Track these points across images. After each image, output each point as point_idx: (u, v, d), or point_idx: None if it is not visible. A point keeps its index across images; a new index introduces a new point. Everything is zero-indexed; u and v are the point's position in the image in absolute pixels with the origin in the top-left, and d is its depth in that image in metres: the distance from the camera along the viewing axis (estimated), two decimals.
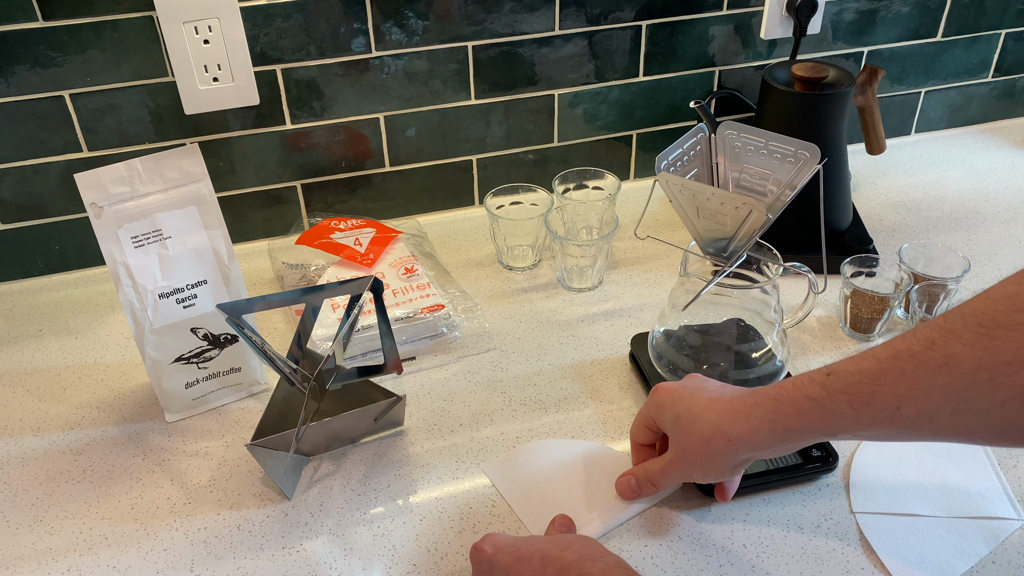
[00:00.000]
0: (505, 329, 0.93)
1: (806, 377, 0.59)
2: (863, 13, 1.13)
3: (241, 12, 0.91)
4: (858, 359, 0.56)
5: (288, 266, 0.98)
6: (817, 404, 0.56)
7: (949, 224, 1.08)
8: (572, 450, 0.77)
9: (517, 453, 0.77)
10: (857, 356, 0.57)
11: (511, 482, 0.74)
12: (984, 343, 0.49)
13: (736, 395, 0.63)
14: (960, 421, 0.51)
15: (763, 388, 0.62)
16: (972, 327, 0.50)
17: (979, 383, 0.50)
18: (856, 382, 0.55)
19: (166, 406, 0.81)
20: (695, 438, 0.63)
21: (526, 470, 0.75)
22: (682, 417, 0.65)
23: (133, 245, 0.74)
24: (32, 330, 0.94)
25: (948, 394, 0.51)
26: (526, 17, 1.01)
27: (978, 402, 0.50)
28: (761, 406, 0.60)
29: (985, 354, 0.49)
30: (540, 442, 0.78)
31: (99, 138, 0.95)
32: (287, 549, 0.69)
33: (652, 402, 0.68)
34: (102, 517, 0.73)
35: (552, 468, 0.75)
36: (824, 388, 0.56)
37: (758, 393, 0.61)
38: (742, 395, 0.63)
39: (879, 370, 0.54)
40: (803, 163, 0.73)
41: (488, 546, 0.62)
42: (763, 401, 0.60)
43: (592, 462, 0.75)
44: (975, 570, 0.66)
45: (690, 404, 0.64)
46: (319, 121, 1.01)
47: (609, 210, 1.01)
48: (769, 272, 0.78)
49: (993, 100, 1.28)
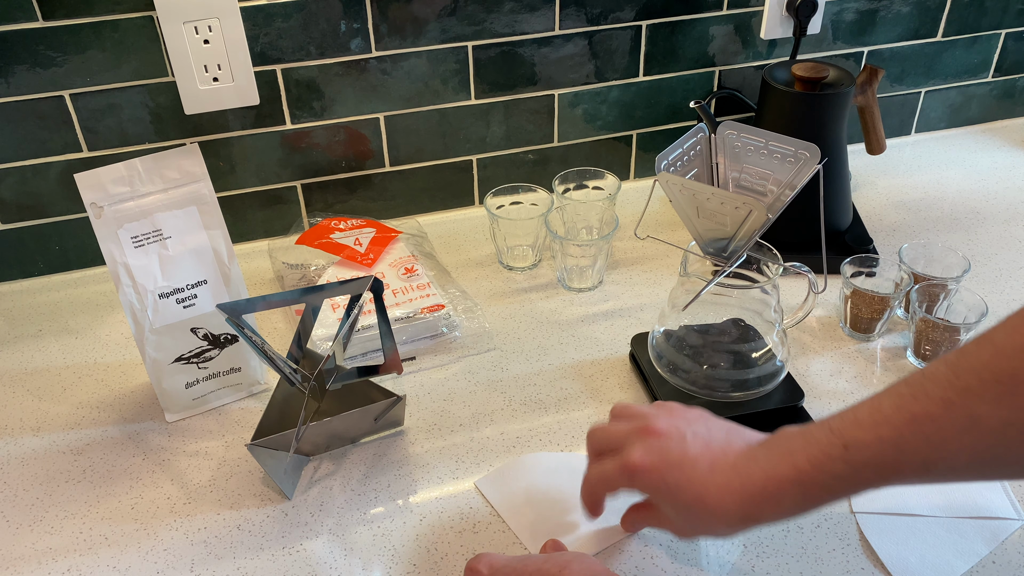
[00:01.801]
0: (505, 329, 0.93)
1: (819, 449, 0.55)
2: (863, 13, 1.13)
3: (241, 12, 0.91)
4: (871, 425, 0.53)
5: (288, 266, 0.98)
6: (844, 481, 0.54)
7: (949, 224, 1.08)
8: (565, 462, 0.76)
9: (509, 467, 0.76)
10: (867, 418, 0.54)
11: (505, 497, 0.73)
12: (1009, 401, 0.48)
13: (748, 478, 0.57)
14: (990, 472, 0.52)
15: (776, 461, 0.56)
16: (991, 385, 0.49)
17: (1009, 439, 0.49)
18: (879, 453, 0.52)
19: (166, 406, 0.81)
20: (717, 524, 0.58)
21: (520, 484, 0.74)
22: (693, 508, 0.59)
23: (133, 245, 0.74)
24: (32, 330, 0.94)
25: (976, 452, 0.50)
26: (526, 17, 1.01)
27: (1009, 455, 0.50)
28: (787, 492, 0.56)
29: (1012, 412, 0.48)
30: (533, 455, 0.77)
31: (99, 138, 0.95)
32: (287, 549, 0.69)
33: (641, 484, 0.61)
34: (102, 517, 0.73)
35: (546, 482, 0.74)
36: (847, 464, 0.53)
37: (775, 472, 0.56)
38: (756, 477, 0.57)
39: (900, 438, 0.52)
40: (803, 163, 0.73)
41: (484, 567, 0.61)
42: (787, 487, 0.55)
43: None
44: (975, 570, 0.66)
45: (699, 492, 0.58)
46: (319, 121, 1.01)
47: (609, 210, 1.01)
48: (769, 272, 0.78)
49: (993, 100, 1.28)
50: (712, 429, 0.61)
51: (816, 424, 0.57)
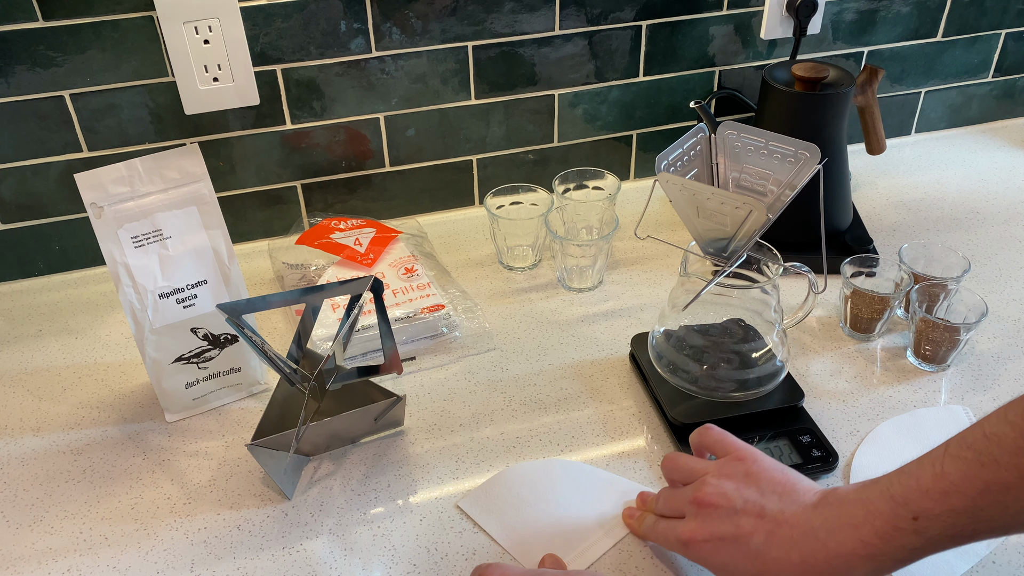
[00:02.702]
0: (505, 329, 0.93)
1: (884, 521, 0.53)
2: (863, 13, 1.13)
3: (241, 12, 0.91)
4: (940, 495, 0.51)
5: (288, 266, 0.98)
6: (919, 552, 0.52)
7: (949, 224, 1.08)
8: (546, 471, 0.75)
9: (492, 484, 0.74)
10: (933, 486, 0.52)
11: (492, 515, 0.71)
12: None
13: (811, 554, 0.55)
14: None
15: (839, 536, 0.54)
16: None
17: None
18: (953, 524, 0.51)
19: (166, 406, 0.81)
20: None
21: (505, 500, 0.72)
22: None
23: (133, 245, 0.74)
24: (32, 330, 0.94)
25: None
26: (526, 17, 1.01)
27: None
28: (857, 568, 0.54)
29: None
30: (512, 468, 0.75)
31: (99, 138, 0.95)
32: (287, 549, 0.69)
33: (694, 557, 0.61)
34: (102, 517, 0.73)
35: (531, 494, 0.73)
36: (921, 536, 0.52)
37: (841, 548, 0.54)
38: (820, 554, 0.55)
39: (975, 508, 0.50)
40: (803, 163, 0.73)
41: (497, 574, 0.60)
42: (856, 563, 0.54)
43: (571, 480, 0.74)
44: (975, 570, 0.66)
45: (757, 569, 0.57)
46: (319, 121, 1.01)
47: (609, 210, 1.01)
48: (769, 272, 0.78)
49: (993, 100, 1.28)
50: (764, 491, 0.59)
51: (870, 488, 0.55)
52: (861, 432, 0.79)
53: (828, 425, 0.79)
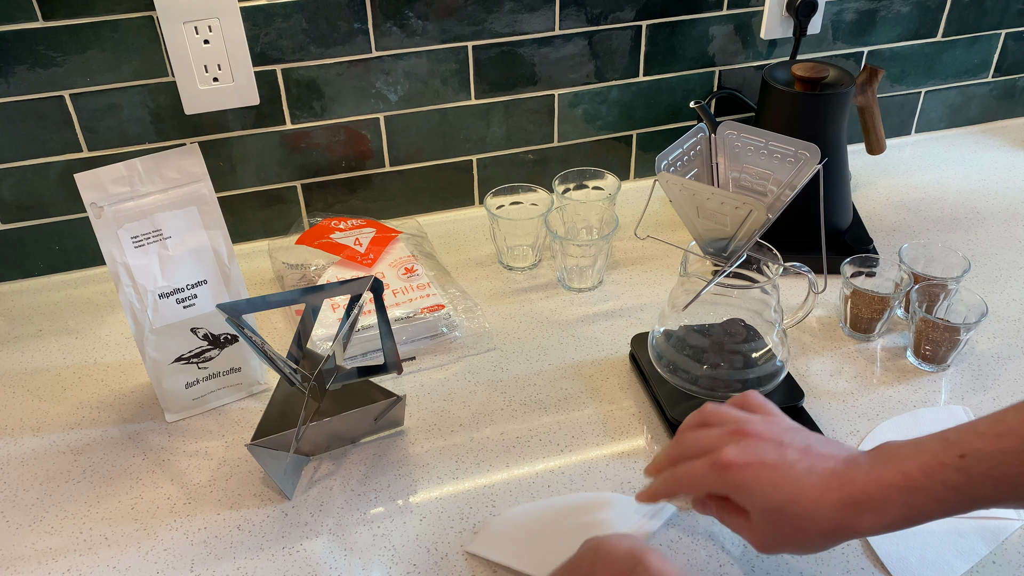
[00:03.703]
0: (505, 329, 0.93)
1: (931, 456, 0.53)
2: (863, 13, 1.13)
3: (241, 12, 0.91)
4: (993, 437, 0.51)
5: (288, 266, 0.98)
6: (956, 492, 0.52)
7: (949, 224, 1.08)
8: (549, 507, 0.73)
9: (493, 524, 0.71)
10: (988, 429, 0.52)
11: (504, 547, 0.68)
12: None
13: (850, 482, 0.55)
14: None
15: (883, 468, 0.54)
16: None
17: None
18: (1000, 464, 0.50)
19: (166, 406, 0.81)
20: (811, 533, 0.56)
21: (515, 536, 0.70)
22: (784, 511, 0.56)
23: (133, 245, 0.74)
24: (32, 330, 0.94)
25: None
26: (526, 17, 1.01)
27: None
28: (893, 500, 0.53)
29: None
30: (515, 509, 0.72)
31: (99, 138, 0.95)
32: (287, 549, 0.69)
33: (729, 483, 0.58)
34: (102, 517, 0.73)
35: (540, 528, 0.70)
36: (963, 474, 0.51)
37: (881, 478, 0.54)
38: (859, 481, 0.54)
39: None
40: (803, 163, 0.73)
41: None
42: (893, 494, 0.53)
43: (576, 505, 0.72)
44: (975, 570, 0.66)
45: (793, 494, 0.55)
46: (319, 121, 1.01)
47: (609, 210, 1.01)
48: (769, 272, 0.78)
49: (993, 100, 1.28)
50: (811, 436, 0.59)
51: (927, 435, 0.54)
52: (861, 432, 0.79)
53: (828, 425, 0.79)
